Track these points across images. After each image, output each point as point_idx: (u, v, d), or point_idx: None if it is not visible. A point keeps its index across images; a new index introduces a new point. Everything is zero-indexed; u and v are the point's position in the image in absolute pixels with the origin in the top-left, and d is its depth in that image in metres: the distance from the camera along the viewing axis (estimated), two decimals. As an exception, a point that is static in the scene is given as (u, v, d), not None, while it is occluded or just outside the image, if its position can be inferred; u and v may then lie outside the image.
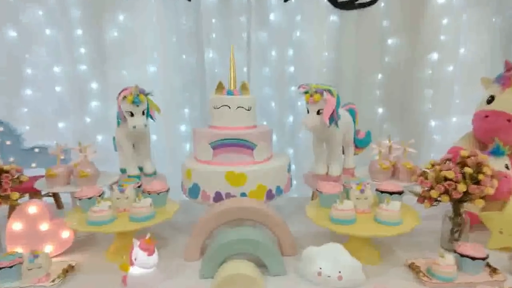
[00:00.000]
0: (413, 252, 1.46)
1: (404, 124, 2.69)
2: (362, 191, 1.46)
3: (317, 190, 1.53)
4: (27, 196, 1.65)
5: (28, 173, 1.53)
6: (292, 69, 2.62)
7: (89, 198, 1.40)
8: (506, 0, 2.55)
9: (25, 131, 2.39)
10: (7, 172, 1.38)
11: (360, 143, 1.94)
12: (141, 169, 1.81)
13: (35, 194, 1.66)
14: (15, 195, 1.37)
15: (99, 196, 1.44)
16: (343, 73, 2.62)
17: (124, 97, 1.59)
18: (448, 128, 2.66)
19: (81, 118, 2.46)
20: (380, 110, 2.70)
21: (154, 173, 1.83)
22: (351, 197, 1.48)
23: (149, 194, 1.48)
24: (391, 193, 1.48)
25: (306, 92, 1.62)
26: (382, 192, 1.50)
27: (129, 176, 1.71)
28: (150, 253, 1.25)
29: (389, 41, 2.60)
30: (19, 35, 2.32)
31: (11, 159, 1.76)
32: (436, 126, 2.66)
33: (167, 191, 1.53)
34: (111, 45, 2.42)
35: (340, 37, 2.57)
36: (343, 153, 1.93)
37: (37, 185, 1.65)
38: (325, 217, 1.41)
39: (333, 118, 1.64)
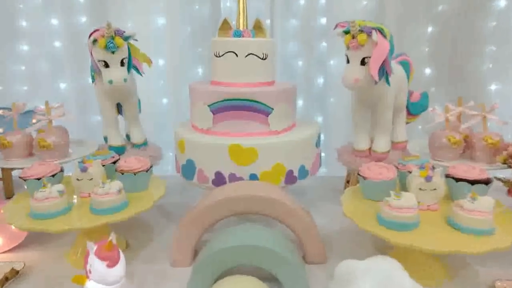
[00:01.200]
0: (501, 268, 0.88)
1: (457, 88, 1.96)
2: (428, 178, 0.84)
3: (358, 175, 0.93)
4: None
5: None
6: (323, 20, 1.96)
7: (38, 179, 0.89)
8: None
9: (23, 91, 2.00)
10: None
11: (415, 108, 1.27)
12: (128, 137, 1.28)
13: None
14: None
15: (53, 176, 0.92)
16: (386, 25, 1.99)
17: (95, 40, 1.06)
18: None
19: (83, 79, 1.94)
20: (428, 70, 1.99)
21: (144, 143, 1.27)
22: (412, 186, 0.87)
23: (122, 173, 0.94)
24: (472, 182, 0.87)
25: (346, 32, 1.02)
26: (457, 179, 0.89)
27: (110, 147, 1.17)
28: (112, 264, 0.76)
29: None
30: None
31: None
32: (497, 90, 1.94)
33: (148, 170, 0.98)
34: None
35: None
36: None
37: None
38: (370, 215, 0.84)
39: (384, 71, 1.04)
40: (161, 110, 2.02)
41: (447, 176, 0.92)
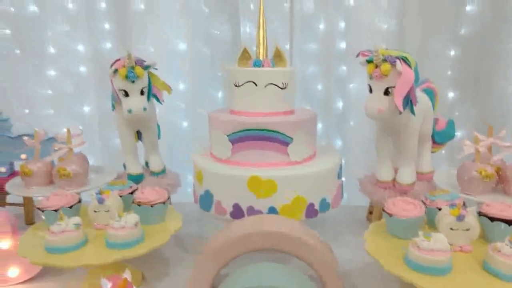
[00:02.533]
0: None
1: (481, 111, 1.90)
2: (460, 217, 0.78)
3: (384, 211, 0.87)
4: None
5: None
6: (343, 44, 1.92)
7: (55, 211, 0.88)
8: None
9: (49, 115, 2.06)
10: None
11: (440, 137, 1.21)
12: (147, 164, 1.28)
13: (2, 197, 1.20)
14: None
15: (70, 207, 0.91)
16: (406, 49, 1.87)
17: (116, 70, 1.07)
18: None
19: (106, 101, 2.02)
20: (451, 94, 1.92)
21: (163, 171, 1.26)
22: (442, 226, 0.81)
23: (139, 205, 0.92)
24: (509, 223, 0.80)
25: (369, 61, 0.99)
26: (492, 219, 0.82)
27: (128, 175, 1.18)
28: (126, 304, 0.74)
29: (468, 8, 1.82)
30: (41, 10, 1.85)
31: None
32: None
33: (166, 202, 0.95)
34: (136, 19, 1.86)
35: (403, 5, 1.84)
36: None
37: (10, 186, 1.14)
38: (397, 255, 0.78)
39: (409, 101, 0.99)
40: (181, 133, 2.02)
41: (481, 214, 0.86)
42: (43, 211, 0.89)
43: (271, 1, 1.91)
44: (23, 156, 1.25)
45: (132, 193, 0.99)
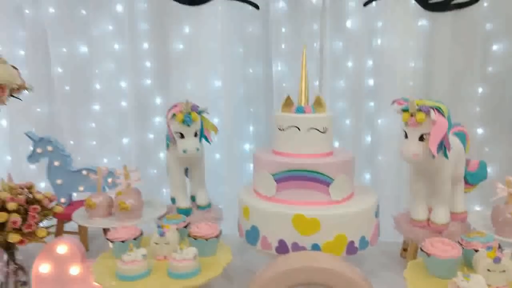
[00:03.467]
0: None
1: (510, 146, 2.00)
2: (497, 260, 0.87)
3: (421, 250, 0.98)
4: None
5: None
6: (371, 82, 2.07)
7: (123, 242, 1.02)
8: None
9: (92, 147, 2.25)
10: (37, 202, 1.05)
11: (473, 178, 1.31)
12: (193, 198, 1.43)
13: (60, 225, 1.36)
14: (42, 232, 1.02)
15: (135, 239, 1.04)
16: (434, 87, 2.01)
17: (174, 115, 1.24)
18: None
19: (144, 134, 2.16)
20: (480, 130, 2.03)
21: (209, 205, 1.41)
22: (479, 267, 0.90)
23: (195, 239, 1.06)
24: None
25: (404, 110, 1.12)
26: None
27: (178, 209, 1.33)
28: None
29: (494, 47, 1.95)
30: (90, 50, 2.09)
31: (59, 181, 1.48)
32: None
33: (218, 236, 1.09)
34: (176, 57, 2.07)
35: (431, 44, 1.99)
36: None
37: (76, 216, 1.30)
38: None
39: (443, 146, 1.11)
40: (213, 165, 2.16)
41: (516, 256, 0.94)
42: (112, 241, 1.03)
43: (300, 41, 2.09)
44: (81, 188, 1.42)
45: (186, 226, 1.12)
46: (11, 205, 0.98)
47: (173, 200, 1.40)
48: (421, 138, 1.07)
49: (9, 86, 1.25)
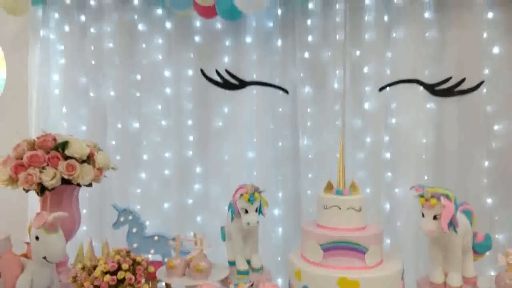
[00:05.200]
0: None
1: None
2: None
3: None
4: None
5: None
6: (388, 155, 2.47)
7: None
8: None
9: (136, 210, 2.64)
10: (138, 264, 1.41)
11: (480, 248, 1.65)
12: (248, 261, 1.77)
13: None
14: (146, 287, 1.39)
15: None
16: (444, 160, 2.41)
17: (241, 195, 1.65)
18: None
19: (184, 199, 2.54)
20: (489, 200, 2.37)
21: (261, 267, 1.76)
22: None
23: None
24: None
25: (421, 196, 1.56)
26: None
27: (238, 272, 1.68)
28: None
29: (496, 127, 2.37)
30: (140, 125, 2.55)
31: (135, 245, 1.84)
32: None
33: None
34: (215, 132, 2.53)
35: (440, 124, 2.42)
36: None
37: (158, 274, 1.66)
38: None
39: (452, 224, 1.53)
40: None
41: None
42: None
43: (325, 119, 2.57)
44: (152, 251, 1.83)
45: (251, 285, 1.51)
46: (125, 266, 1.38)
47: (230, 263, 1.76)
48: (435, 218, 1.47)
49: (105, 169, 1.72)
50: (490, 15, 2.39)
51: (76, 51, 2.58)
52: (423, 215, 1.49)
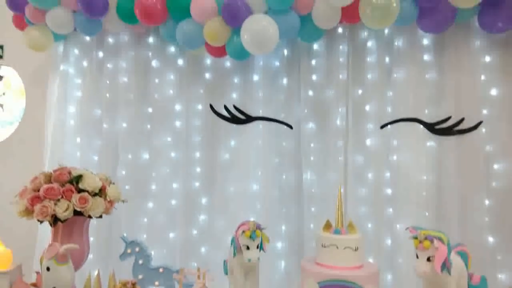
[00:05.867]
0: None
1: None
2: None
3: None
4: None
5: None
6: (389, 191, 2.52)
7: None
8: None
9: (142, 240, 2.71)
10: None
11: None
12: None
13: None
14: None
15: None
16: (445, 197, 2.44)
17: (243, 231, 1.73)
18: None
19: (189, 230, 2.60)
20: (491, 238, 2.38)
21: None
22: None
23: None
24: None
25: (415, 238, 1.62)
26: None
27: None
28: None
29: (495, 166, 2.41)
30: (150, 156, 2.66)
31: (140, 276, 1.90)
32: None
33: None
34: (222, 165, 2.62)
35: (440, 161, 2.46)
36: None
37: None
38: None
39: (445, 266, 1.57)
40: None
41: None
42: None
43: (328, 155, 2.66)
44: (156, 283, 1.89)
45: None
46: (130, 297, 1.45)
47: (232, 297, 1.84)
48: (429, 259, 1.53)
49: (115, 201, 1.82)
50: (487, 58, 2.48)
51: (92, 85, 2.74)
52: (417, 257, 1.54)
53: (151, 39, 2.72)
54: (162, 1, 2.40)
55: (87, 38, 2.72)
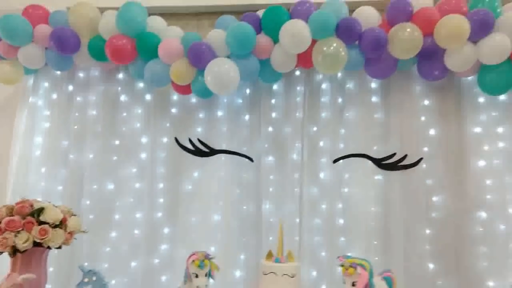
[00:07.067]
0: None
1: (459, 281, 2.55)
2: None
3: None
4: None
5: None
6: (341, 221, 2.69)
7: None
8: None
9: (104, 269, 2.72)
10: None
11: None
12: None
13: None
14: None
15: None
16: (391, 227, 2.64)
17: (192, 261, 1.84)
18: (508, 290, 2.43)
19: (151, 259, 2.66)
20: (431, 265, 2.59)
21: None
22: None
23: None
24: None
25: (341, 265, 1.78)
26: None
27: None
28: None
29: (434, 198, 2.65)
30: (115, 187, 2.72)
31: None
32: (495, 287, 2.47)
33: None
34: (184, 195, 2.72)
35: (386, 194, 2.68)
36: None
37: None
38: None
39: (367, 290, 1.72)
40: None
41: None
42: None
43: (285, 186, 2.82)
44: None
45: None
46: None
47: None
48: (353, 284, 1.70)
49: (75, 232, 1.89)
50: (426, 102, 2.77)
51: (61, 117, 2.82)
52: (344, 282, 1.71)
53: (120, 75, 2.85)
54: (132, 42, 2.55)
55: (58, 72, 2.81)
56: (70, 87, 2.86)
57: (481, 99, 2.67)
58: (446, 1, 2.44)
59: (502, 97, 2.64)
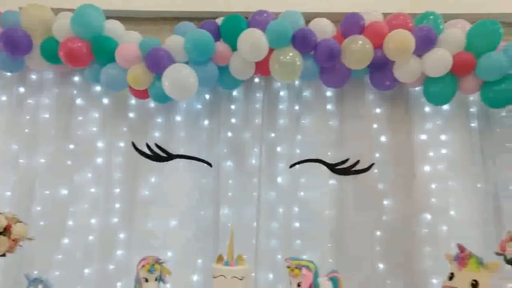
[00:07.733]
0: None
1: (406, 280, 2.67)
2: None
3: None
4: None
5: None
6: (297, 224, 2.75)
7: None
8: (488, 171, 2.77)
9: (55, 277, 2.62)
10: None
11: None
12: None
13: None
14: None
15: None
16: (344, 229, 2.74)
17: (142, 266, 1.83)
18: (450, 288, 2.69)
19: (106, 265, 2.60)
20: (381, 265, 2.69)
21: None
22: None
23: None
24: None
25: (288, 267, 1.84)
26: None
27: None
28: None
29: (385, 202, 2.76)
30: (69, 192, 2.64)
31: None
32: (438, 284, 2.51)
33: None
34: (141, 201, 2.69)
35: (340, 198, 2.78)
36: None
37: None
38: None
39: (313, 291, 1.79)
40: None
41: None
42: None
43: (243, 191, 2.84)
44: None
45: None
46: None
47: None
48: (299, 285, 1.76)
49: (21, 240, 1.82)
50: (378, 110, 2.89)
51: (11, 120, 2.70)
52: (290, 283, 1.76)
53: (76, 78, 2.78)
54: (87, 45, 2.50)
55: (8, 74, 2.70)
56: (22, 89, 2.75)
57: (427, 109, 2.83)
58: (395, 16, 2.58)
59: (446, 107, 2.81)
